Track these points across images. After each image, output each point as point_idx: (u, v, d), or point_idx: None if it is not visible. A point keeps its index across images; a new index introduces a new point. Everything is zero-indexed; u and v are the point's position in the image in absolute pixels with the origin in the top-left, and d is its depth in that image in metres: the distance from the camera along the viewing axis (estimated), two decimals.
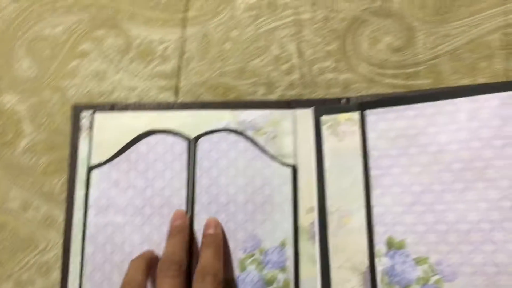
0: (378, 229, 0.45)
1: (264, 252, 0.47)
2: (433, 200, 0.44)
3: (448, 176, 0.44)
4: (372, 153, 0.47)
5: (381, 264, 0.45)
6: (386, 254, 0.45)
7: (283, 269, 0.46)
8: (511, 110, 0.43)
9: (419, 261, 0.44)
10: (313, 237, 0.47)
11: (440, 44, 0.50)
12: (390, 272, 0.44)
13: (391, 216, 0.45)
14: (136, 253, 0.46)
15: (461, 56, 0.50)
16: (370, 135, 0.48)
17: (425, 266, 0.43)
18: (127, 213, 0.48)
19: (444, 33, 0.51)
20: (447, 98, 0.46)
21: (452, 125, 0.45)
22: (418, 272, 0.43)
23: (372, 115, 0.48)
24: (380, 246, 0.45)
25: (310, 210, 0.48)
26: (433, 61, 0.50)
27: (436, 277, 0.43)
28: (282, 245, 0.47)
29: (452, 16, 0.51)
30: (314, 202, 0.48)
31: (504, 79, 0.48)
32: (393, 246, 0.45)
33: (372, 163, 0.47)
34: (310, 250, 0.47)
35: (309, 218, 0.48)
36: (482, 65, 0.49)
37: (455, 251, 0.43)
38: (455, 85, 0.49)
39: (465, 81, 0.49)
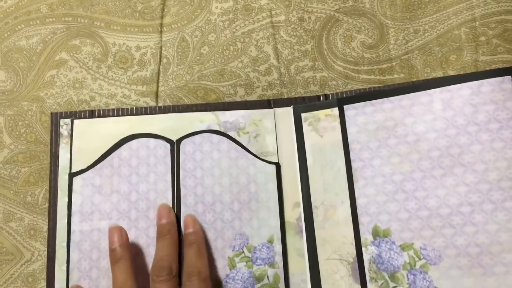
0: (363, 220, 0.46)
1: (252, 249, 0.47)
2: (414, 187, 0.46)
3: (427, 163, 0.46)
4: (353, 147, 0.48)
5: (368, 253, 0.46)
6: (372, 243, 0.46)
7: (272, 264, 0.47)
8: (482, 98, 0.45)
9: (404, 247, 0.45)
10: (300, 232, 0.48)
11: (411, 39, 0.53)
12: (377, 260, 0.45)
13: (375, 205, 0.46)
14: None
15: (432, 50, 0.52)
16: (350, 129, 0.49)
17: (411, 252, 0.44)
18: (112, 218, 0.48)
19: (414, 29, 0.53)
20: (422, 90, 0.48)
21: (428, 115, 0.47)
22: (404, 258, 0.44)
23: (351, 109, 0.49)
24: (366, 236, 0.46)
25: (296, 205, 0.49)
26: (405, 56, 0.52)
27: (422, 261, 0.44)
28: (270, 241, 0.47)
29: (420, 13, 0.53)
30: (299, 198, 0.49)
31: (473, 70, 0.50)
32: (378, 234, 0.46)
33: (353, 156, 0.48)
34: (298, 244, 0.48)
35: (295, 213, 0.48)
36: (452, 58, 0.51)
37: (439, 235, 0.44)
38: (428, 78, 0.51)
39: (437, 74, 0.51)
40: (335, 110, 0.50)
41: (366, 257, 0.46)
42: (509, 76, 0.45)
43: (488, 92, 0.45)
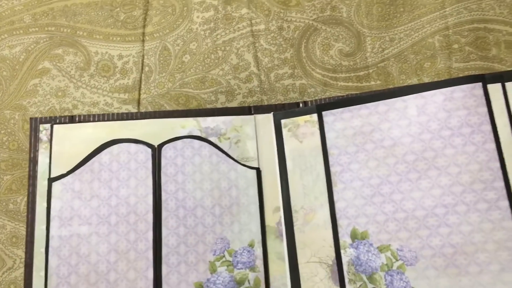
0: (341, 222, 0.47)
1: (233, 253, 0.47)
2: (391, 190, 0.47)
3: (403, 167, 0.47)
4: (332, 152, 0.49)
5: (347, 255, 0.46)
6: (351, 245, 0.46)
7: (252, 268, 0.47)
8: (455, 103, 0.47)
9: (382, 249, 0.45)
10: (280, 236, 0.48)
11: (387, 48, 0.54)
12: (355, 262, 0.46)
13: (353, 209, 0.47)
14: (103, 263, 0.46)
15: (407, 58, 0.53)
16: (329, 134, 0.50)
17: (388, 253, 0.45)
18: (92, 223, 0.48)
19: (390, 37, 0.54)
20: (397, 96, 0.49)
21: (404, 120, 0.48)
22: (382, 259, 0.45)
23: (329, 115, 0.50)
24: (345, 239, 0.47)
25: (276, 210, 0.49)
26: (381, 64, 0.54)
27: (399, 262, 0.45)
28: (251, 245, 0.48)
29: (396, 22, 0.55)
30: (279, 202, 0.49)
31: (447, 77, 0.52)
32: (357, 237, 0.46)
33: (332, 160, 0.49)
34: (278, 248, 0.48)
35: (275, 217, 0.49)
36: (426, 65, 0.53)
37: (415, 237, 0.45)
38: (403, 84, 0.53)
39: (412, 81, 0.53)
40: (314, 116, 0.51)
41: (345, 260, 0.46)
42: (480, 83, 0.47)
43: (460, 98, 0.47)
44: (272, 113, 0.52)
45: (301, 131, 0.51)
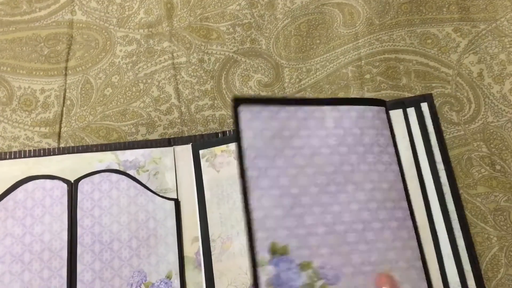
0: (260, 235, 0.45)
1: (150, 286, 0.47)
2: (311, 202, 0.46)
3: (322, 178, 0.47)
4: (248, 153, 0.47)
5: (266, 273, 0.45)
6: (270, 262, 0.45)
7: None
8: (366, 122, 0.48)
9: (303, 266, 0.45)
10: (199, 266, 0.48)
11: (303, 78, 0.56)
12: (275, 281, 0.45)
13: (271, 220, 0.46)
14: None
15: (322, 88, 0.55)
16: (246, 133, 0.48)
17: (310, 271, 0.45)
18: (5, 262, 0.46)
19: (307, 68, 0.56)
20: (315, 105, 0.49)
21: (322, 130, 0.48)
22: (303, 278, 0.45)
23: (246, 112, 0.49)
24: (263, 254, 0.45)
25: (195, 240, 0.49)
26: (298, 94, 0.55)
27: (321, 282, 0.44)
28: (168, 277, 0.47)
29: (312, 53, 0.57)
30: (198, 232, 0.49)
31: None
32: (276, 252, 0.46)
33: (248, 163, 0.47)
34: (197, 278, 0.48)
35: (194, 248, 0.49)
36: (340, 94, 0.55)
37: (336, 253, 0.45)
38: None
39: None
40: (231, 146, 0.51)
41: (263, 279, 0.45)
42: (383, 107, 0.48)
43: (370, 118, 0.48)
44: (191, 144, 0.52)
45: (218, 161, 0.51)
